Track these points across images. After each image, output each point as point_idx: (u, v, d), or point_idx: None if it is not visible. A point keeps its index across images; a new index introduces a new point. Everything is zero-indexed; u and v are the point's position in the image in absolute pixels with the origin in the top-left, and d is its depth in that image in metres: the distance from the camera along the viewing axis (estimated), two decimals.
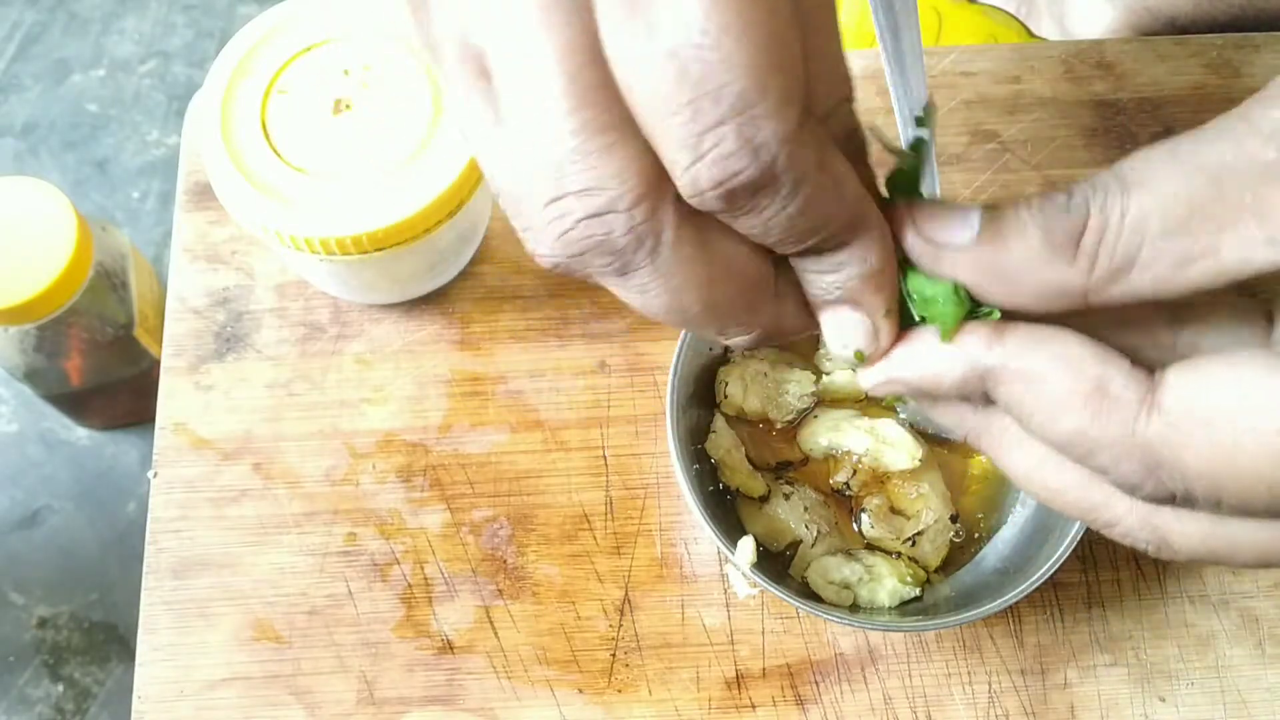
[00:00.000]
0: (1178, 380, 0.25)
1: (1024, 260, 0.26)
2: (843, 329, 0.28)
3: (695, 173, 0.23)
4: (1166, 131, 0.54)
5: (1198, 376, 0.25)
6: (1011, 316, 0.27)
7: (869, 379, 0.29)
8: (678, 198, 0.24)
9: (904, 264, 0.28)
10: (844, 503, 0.46)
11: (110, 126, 1.19)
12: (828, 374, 0.47)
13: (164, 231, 1.13)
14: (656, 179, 0.23)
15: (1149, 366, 0.26)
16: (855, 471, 0.46)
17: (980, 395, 0.27)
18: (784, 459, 0.47)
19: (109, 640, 0.97)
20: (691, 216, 0.24)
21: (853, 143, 0.26)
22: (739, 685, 0.45)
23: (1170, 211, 0.24)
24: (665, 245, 0.24)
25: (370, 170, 0.44)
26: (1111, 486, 0.26)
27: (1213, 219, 0.24)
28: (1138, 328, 0.27)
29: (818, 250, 0.26)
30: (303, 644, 0.45)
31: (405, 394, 0.49)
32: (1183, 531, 0.26)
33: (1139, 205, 0.24)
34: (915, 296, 0.27)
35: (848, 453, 0.46)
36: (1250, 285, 0.25)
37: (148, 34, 1.24)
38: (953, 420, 0.29)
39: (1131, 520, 0.27)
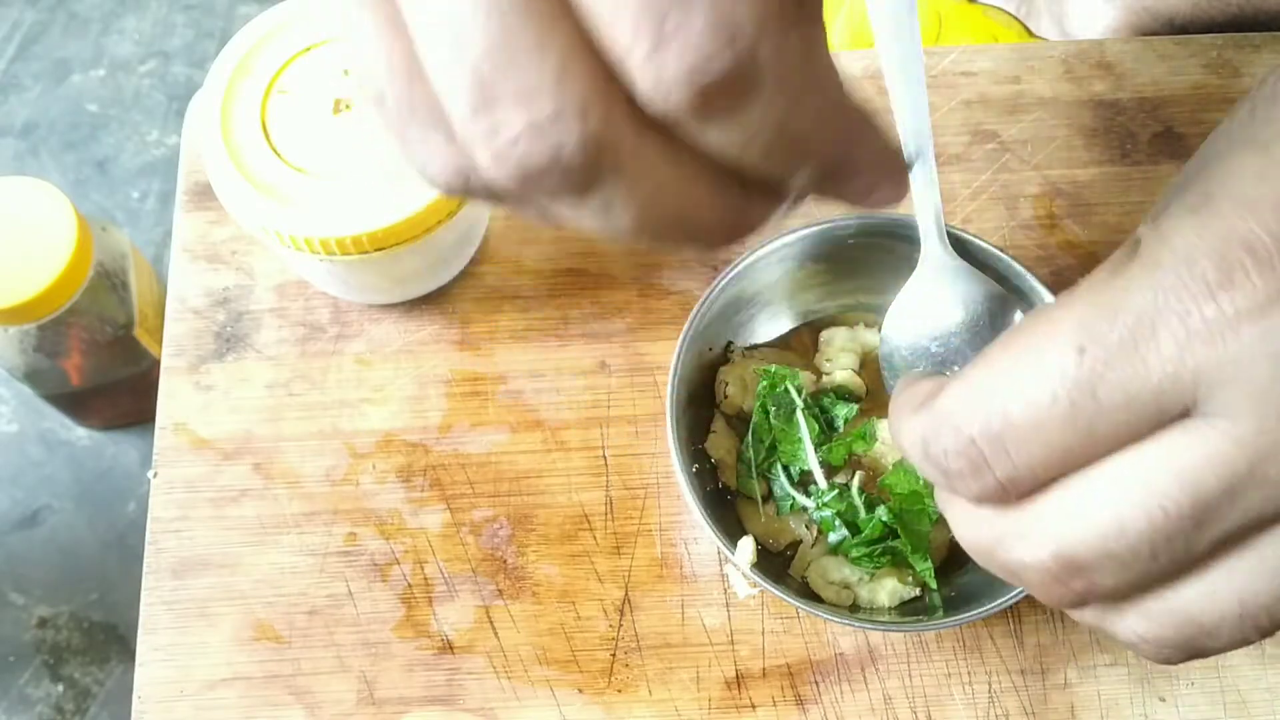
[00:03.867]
0: None
1: None
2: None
3: (659, 63, 0.19)
4: (1166, 131, 0.54)
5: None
6: None
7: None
8: (631, 103, 0.20)
9: None
10: None
11: (110, 126, 1.19)
12: (827, 374, 0.47)
13: (164, 231, 1.13)
14: (606, 80, 0.20)
15: None
16: (855, 472, 0.46)
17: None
18: None
19: (109, 640, 0.97)
20: (651, 122, 0.20)
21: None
22: (739, 685, 0.45)
23: None
24: (628, 152, 0.20)
25: (370, 170, 0.44)
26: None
27: None
28: None
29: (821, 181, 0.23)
30: (303, 644, 0.45)
31: (405, 394, 0.49)
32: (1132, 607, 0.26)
33: None
34: None
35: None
36: None
37: (148, 34, 1.24)
38: None
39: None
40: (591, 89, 0.19)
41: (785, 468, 0.45)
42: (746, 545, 0.41)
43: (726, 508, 0.46)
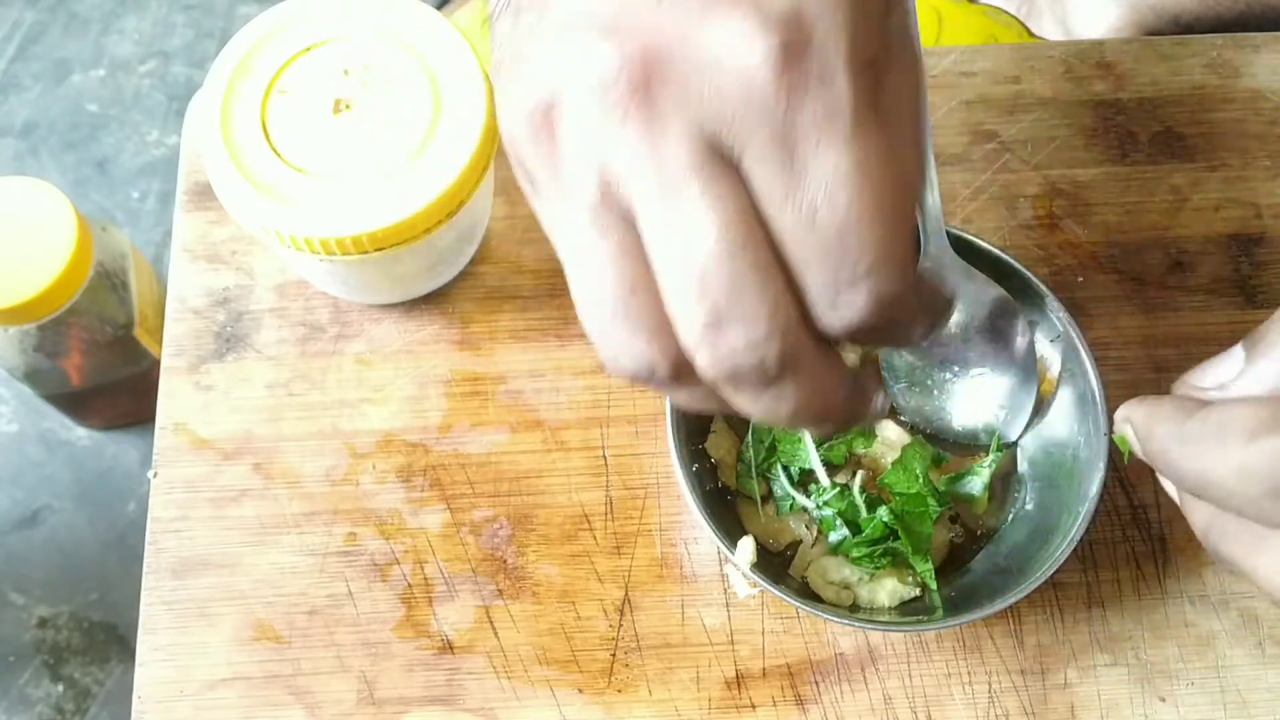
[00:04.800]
0: None
1: None
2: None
3: (843, 307, 0.27)
4: (1166, 131, 0.54)
5: None
6: None
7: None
8: (809, 321, 0.28)
9: None
10: None
11: (110, 126, 1.19)
12: None
13: (164, 231, 1.13)
14: (800, 307, 0.27)
15: None
16: (855, 472, 0.46)
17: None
18: None
19: (109, 640, 0.97)
20: (819, 335, 0.28)
21: None
22: (739, 685, 0.45)
23: None
24: (805, 363, 0.28)
25: (370, 170, 0.44)
26: None
27: None
28: None
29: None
30: (303, 644, 0.45)
31: (405, 394, 0.49)
32: None
33: None
34: None
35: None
36: None
37: (148, 34, 1.24)
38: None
39: None
40: (791, 316, 0.27)
41: (785, 468, 0.45)
42: (746, 545, 0.41)
43: (726, 508, 0.46)
